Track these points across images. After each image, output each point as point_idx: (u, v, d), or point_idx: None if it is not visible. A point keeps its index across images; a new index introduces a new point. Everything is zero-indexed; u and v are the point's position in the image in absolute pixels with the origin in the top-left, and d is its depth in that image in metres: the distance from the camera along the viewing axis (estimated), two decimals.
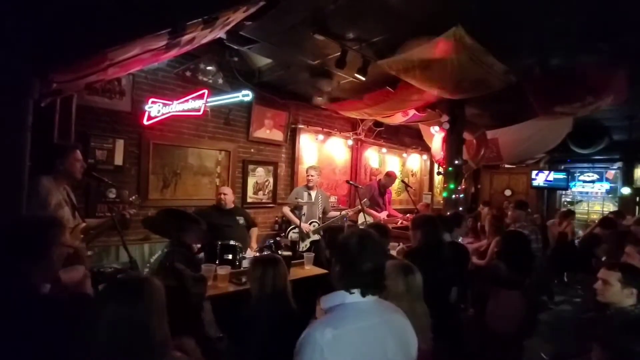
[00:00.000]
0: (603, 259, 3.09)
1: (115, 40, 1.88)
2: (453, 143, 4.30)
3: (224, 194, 3.60)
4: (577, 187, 8.69)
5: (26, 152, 1.89)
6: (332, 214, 4.49)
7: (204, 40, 2.63)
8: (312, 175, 4.27)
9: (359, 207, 4.16)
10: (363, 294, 1.11)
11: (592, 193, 8.58)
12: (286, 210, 4.29)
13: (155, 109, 3.55)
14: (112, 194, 3.38)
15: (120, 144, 3.51)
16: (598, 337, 1.25)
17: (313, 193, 4.29)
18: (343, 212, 4.43)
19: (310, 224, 4.21)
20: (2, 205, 1.77)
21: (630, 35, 2.56)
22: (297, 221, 3.99)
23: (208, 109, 3.90)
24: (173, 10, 2.00)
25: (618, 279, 1.66)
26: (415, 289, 1.66)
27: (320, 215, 4.34)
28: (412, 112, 4.65)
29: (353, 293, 1.11)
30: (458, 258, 2.74)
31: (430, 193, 7.36)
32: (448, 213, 3.95)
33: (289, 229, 4.27)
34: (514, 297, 2.50)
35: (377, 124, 5.79)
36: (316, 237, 4.25)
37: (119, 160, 3.52)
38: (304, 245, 4.06)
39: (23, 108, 1.85)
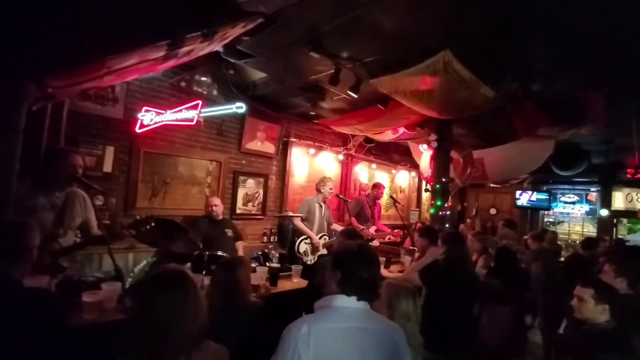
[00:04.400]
0: None
1: (114, 49, 1.92)
2: (440, 161, 4.42)
3: (215, 205, 3.59)
4: (558, 208, 8.94)
5: (16, 156, 1.88)
6: (335, 227, 4.50)
7: (202, 53, 2.69)
8: (331, 188, 4.28)
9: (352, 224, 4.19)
10: (359, 299, 1.21)
11: (573, 214, 8.84)
12: (298, 222, 4.18)
13: (148, 118, 3.56)
14: (99, 201, 3.33)
15: (110, 151, 3.49)
16: (572, 351, 1.29)
17: (323, 206, 4.30)
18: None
19: (320, 237, 4.19)
20: None
21: (606, 65, 2.74)
22: (311, 233, 4.06)
23: (201, 120, 3.92)
24: (173, 23, 2.06)
25: (592, 295, 1.73)
26: (418, 311, 1.79)
27: (326, 228, 4.37)
28: (401, 129, 4.77)
29: (351, 297, 1.21)
30: None
31: (418, 209, 7.45)
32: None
33: (299, 240, 4.13)
34: (506, 312, 2.56)
35: (368, 140, 5.90)
36: (324, 251, 4.17)
37: (108, 167, 3.49)
38: (312, 258, 4.03)
39: (17, 112, 1.86)
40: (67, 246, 2.31)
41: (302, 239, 4.13)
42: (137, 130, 3.54)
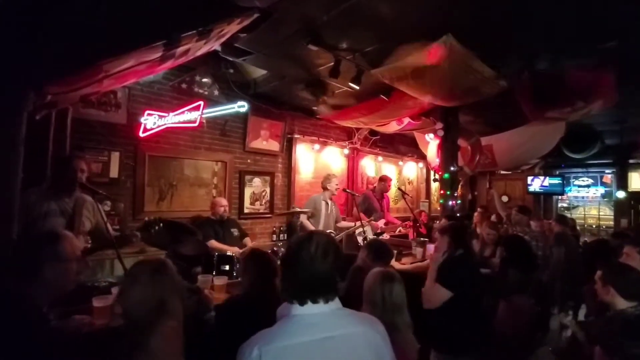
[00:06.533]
0: None
1: (110, 52, 1.90)
2: (448, 150, 4.33)
3: (224, 206, 3.59)
4: (572, 192, 8.74)
5: (19, 165, 1.88)
6: (344, 224, 4.46)
7: (199, 52, 2.66)
8: (337, 184, 4.25)
9: (367, 221, 4.13)
10: (301, 304, 1.01)
11: (588, 198, 8.63)
12: (304, 219, 4.20)
13: (151, 121, 3.56)
14: (107, 207, 3.35)
15: (115, 157, 3.50)
16: (601, 340, 1.23)
17: (330, 203, 4.27)
18: (359, 229, 4.39)
19: None
20: None
21: (615, 39, 2.62)
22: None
23: (204, 121, 3.92)
24: (168, 22, 2.03)
25: None
26: (394, 299, 1.59)
27: (333, 226, 4.33)
28: (406, 120, 4.70)
29: (293, 304, 1.02)
30: None
31: (428, 200, 7.37)
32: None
33: None
34: (524, 302, 2.49)
35: (373, 132, 5.83)
36: None
37: (114, 172, 3.51)
38: None
39: (16, 120, 1.85)
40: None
41: None
42: (141, 134, 3.55)
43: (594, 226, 8.53)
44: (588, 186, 8.57)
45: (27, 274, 1.32)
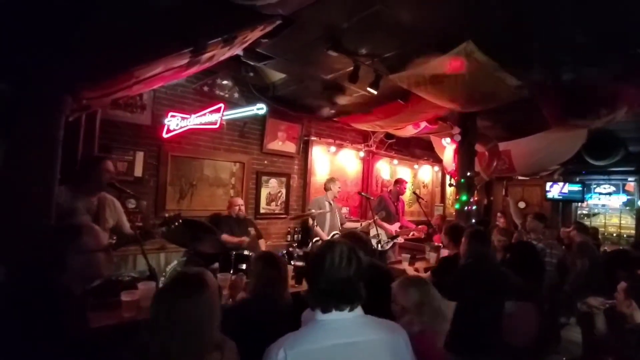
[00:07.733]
0: None
1: (142, 59, 2.01)
2: (465, 155, 4.31)
3: (241, 205, 3.68)
4: (593, 200, 8.49)
5: (57, 166, 1.99)
6: (349, 224, 4.52)
7: (223, 58, 2.75)
8: (339, 187, 4.38)
9: (372, 220, 4.18)
10: (324, 311, 1.05)
11: (609, 205, 8.37)
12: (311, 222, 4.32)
13: (174, 123, 3.69)
14: (131, 204, 3.49)
15: (140, 156, 3.65)
16: (616, 350, 1.23)
17: (333, 204, 4.36)
18: (363, 226, 4.46)
19: (332, 236, 4.23)
20: (34, 217, 1.87)
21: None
22: (322, 234, 4.12)
23: (224, 122, 4.02)
24: (195, 31, 2.13)
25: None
26: (413, 301, 1.61)
27: (338, 226, 4.39)
28: (423, 124, 4.69)
29: (316, 311, 1.07)
30: None
31: (442, 205, 7.31)
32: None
33: (314, 241, 4.20)
34: (529, 309, 2.46)
35: (389, 135, 5.83)
36: None
37: (138, 171, 3.66)
38: None
39: (55, 123, 1.97)
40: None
41: (315, 241, 4.15)
42: (164, 135, 3.68)
43: (614, 235, 8.27)
44: (610, 194, 8.30)
45: (57, 266, 1.41)
